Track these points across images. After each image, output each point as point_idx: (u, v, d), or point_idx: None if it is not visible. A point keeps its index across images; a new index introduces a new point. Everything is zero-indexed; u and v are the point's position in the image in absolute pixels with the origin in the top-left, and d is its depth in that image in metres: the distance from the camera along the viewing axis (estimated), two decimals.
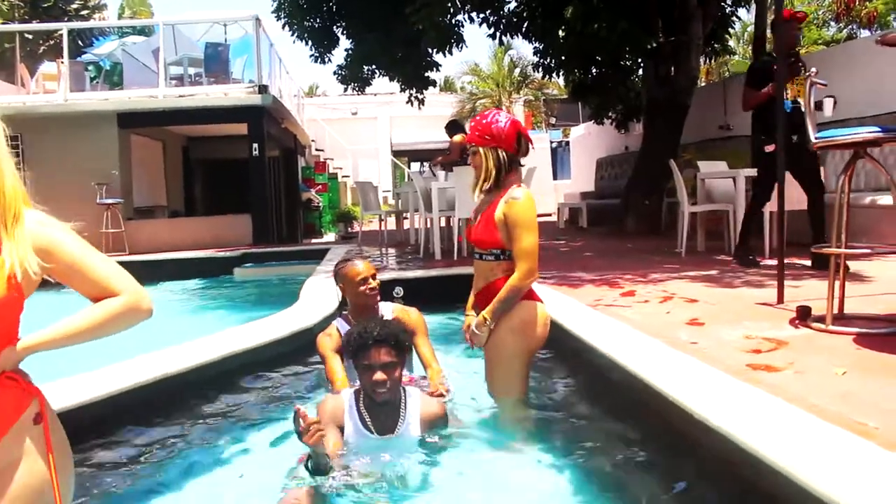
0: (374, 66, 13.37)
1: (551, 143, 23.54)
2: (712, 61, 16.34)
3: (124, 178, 13.51)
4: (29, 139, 13.42)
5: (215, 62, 14.12)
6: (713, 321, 4.15)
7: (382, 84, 17.06)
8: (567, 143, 22.69)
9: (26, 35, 20.29)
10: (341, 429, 2.90)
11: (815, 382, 2.81)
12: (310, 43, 12.88)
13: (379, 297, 3.87)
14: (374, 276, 3.80)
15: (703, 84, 17.44)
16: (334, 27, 13.09)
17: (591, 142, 18.73)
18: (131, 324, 1.81)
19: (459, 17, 11.17)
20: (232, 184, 15.79)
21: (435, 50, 11.67)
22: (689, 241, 8.10)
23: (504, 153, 3.27)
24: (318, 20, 12.89)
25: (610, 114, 14.59)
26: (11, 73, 17.81)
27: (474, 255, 3.45)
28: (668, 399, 2.61)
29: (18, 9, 22.25)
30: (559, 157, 23.84)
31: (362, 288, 3.77)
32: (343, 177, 22.42)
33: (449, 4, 9.85)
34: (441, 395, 3.51)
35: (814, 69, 4.46)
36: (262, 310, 6.51)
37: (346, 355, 3.17)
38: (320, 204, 18.78)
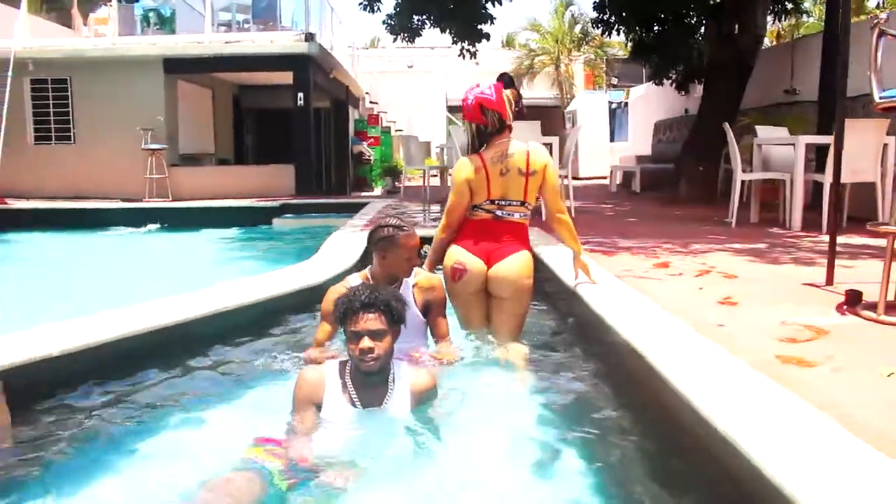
0: (424, 17, 12.88)
1: (610, 103, 22.71)
2: (782, 20, 15.35)
3: (170, 124, 13.45)
4: (77, 82, 13.46)
5: (263, 8, 13.85)
6: (749, 301, 3.72)
7: (441, 37, 16.60)
8: (626, 105, 21.89)
9: None
10: (318, 406, 2.64)
11: (855, 384, 2.40)
12: None
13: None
14: (416, 255, 3.55)
15: (771, 45, 16.51)
16: None
17: (650, 103, 18.02)
18: None
19: None
20: (281, 134, 15.61)
21: (486, 0, 11.15)
22: (741, 212, 7.59)
23: (475, 126, 3.75)
24: None
25: (671, 74, 13.92)
26: (68, 16, 17.91)
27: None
28: (672, 388, 2.24)
29: None
30: (618, 119, 23.06)
31: (407, 262, 3.50)
32: (396, 130, 22.10)
33: None
34: (438, 363, 3.29)
35: (884, 15, 3.91)
36: (294, 261, 6.31)
37: (336, 321, 2.88)
38: (371, 157, 18.55)
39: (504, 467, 2.45)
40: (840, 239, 5.75)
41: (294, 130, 13.37)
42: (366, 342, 2.56)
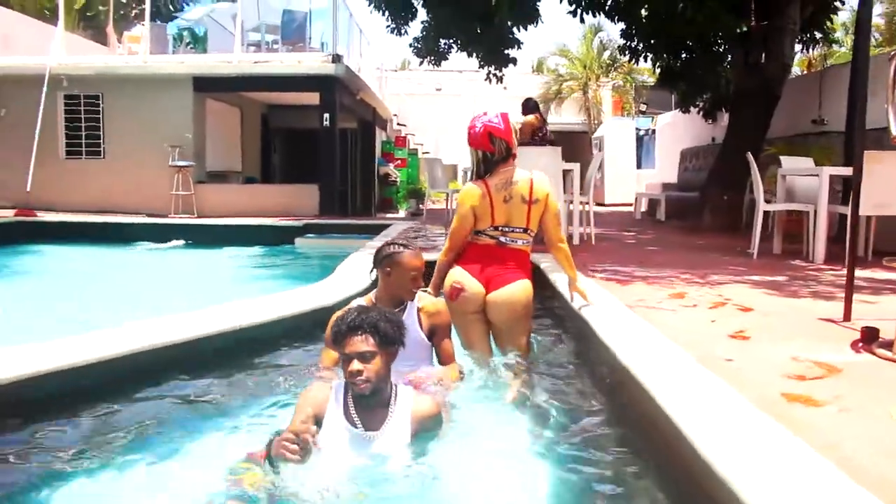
0: (451, 40, 12.95)
1: (637, 130, 22.64)
2: (812, 51, 15.23)
3: (197, 141, 13.61)
4: (109, 98, 13.68)
5: (292, 30, 14.01)
6: (761, 335, 3.64)
7: (470, 61, 16.70)
8: (654, 132, 21.79)
9: None
10: (319, 422, 2.61)
11: (861, 426, 2.32)
12: (386, 13, 12.53)
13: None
14: (422, 275, 3.53)
15: (800, 74, 16.38)
16: None
17: (677, 131, 17.93)
18: None
19: None
20: (308, 153, 15.72)
21: (511, 25, 11.18)
22: (764, 243, 7.48)
23: (481, 153, 3.86)
24: None
25: (698, 102, 13.84)
26: (104, 35, 18.25)
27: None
28: (670, 420, 2.19)
29: None
30: (645, 146, 22.96)
31: (411, 282, 3.49)
32: (423, 153, 22.18)
33: None
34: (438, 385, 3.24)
35: None
36: (314, 280, 6.33)
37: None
38: (398, 179, 18.63)
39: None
40: (864, 273, 5.67)
41: (321, 150, 13.46)
42: (354, 364, 2.54)
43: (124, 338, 3.42)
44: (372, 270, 3.62)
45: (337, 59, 12.98)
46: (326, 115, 13.01)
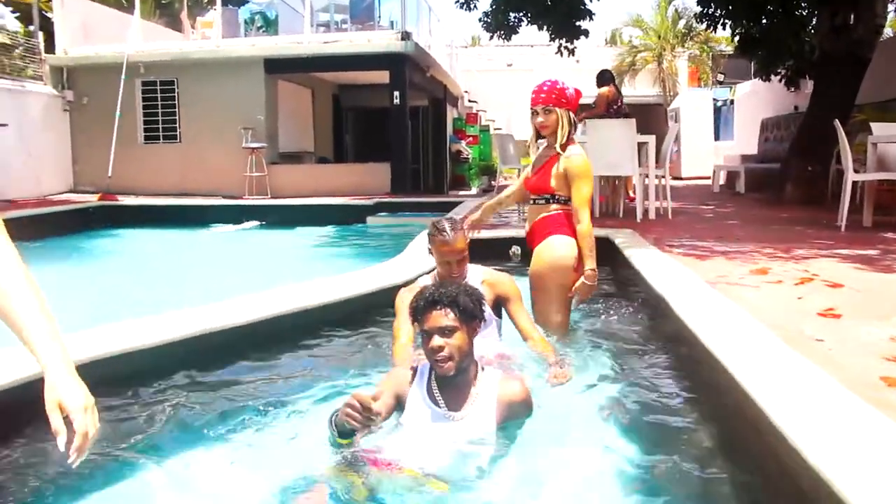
0: (521, 14, 12.70)
1: (715, 101, 21.89)
2: None
3: (270, 123, 13.76)
4: (183, 83, 13.95)
5: (361, 9, 14.00)
6: (854, 313, 3.42)
7: (540, 34, 16.40)
8: (732, 102, 21.04)
9: None
10: (401, 404, 2.56)
11: None
12: None
13: (464, 273, 3.44)
14: (460, 261, 3.40)
15: (892, 35, 15.50)
16: None
17: (757, 100, 17.25)
18: None
19: None
20: (380, 132, 15.76)
21: None
22: (853, 215, 7.08)
23: (572, 115, 3.81)
24: None
25: (779, 69, 13.25)
26: (178, 21, 18.63)
27: (529, 202, 4.00)
28: (756, 405, 2.05)
29: None
30: (723, 117, 22.22)
31: (445, 267, 3.41)
32: (496, 129, 21.97)
33: None
34: (558, 376, 3.12)
35: None
36: (385, 258, 6.33)
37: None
38: (470, 156, 18.52)
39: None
40: None
41: (391, 129, 13.45)
42: (435, 340, 2.45)
43: (225, 311, 3.63)
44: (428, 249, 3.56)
45: (406, 36, 12.91)
46: (397, 93, 12.98)
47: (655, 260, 4.91)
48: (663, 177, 8.61)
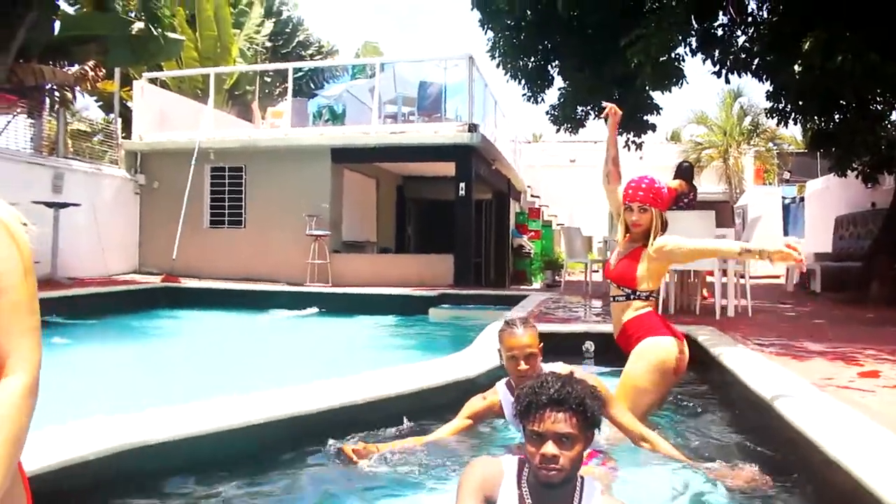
0: (588, 107, 12.67)
1: (783, 198, 21.51)
2: None
3: (334, 211, 13.84)
4: (251, 170, 14.21)
5: (429, 101, 14.17)
6: None
7: (605, 132, 16.43)
8: (801, 199, 20.59)
9: (265, 78, 21.85)
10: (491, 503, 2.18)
11: None
12: (522, 82, 12.43)
13: (537, 371, 3.13)
14: (528, 357, 3.12)
15: None
16: (549, 66, 12.56)
17: (830, 197, 16.79)
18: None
19: (679, 51, 10.19)
20: (442, 224, 15.73)
21: (652, 89, 10.77)
22: None
23: (665, 216, 3.79)
24: (532, 59, 12.44)
25: (854, 165, 12.87)
26: (249, 111, 19.24)
27: (611, 300, 3.88)
28: None
29: (261, 55, 24.09)
30: (792, 214, 21.72)
31: (511, 362, 3.17)
32: (557, 224, 21.87)
33: (669, 37, 8.92)
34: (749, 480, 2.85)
35: None
36: (449, 352, 6.10)
37: (516, 417, 2.46)
38: (532, 250, 18.38)
39: None
40: None
41: (456, 220, 13.37)
42: (549, 447, 2.05)
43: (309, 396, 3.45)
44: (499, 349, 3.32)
45: (473, 128, 12.96)
46: (462, 185, 12.94)
47: (749, 360, 4.54)
48: (743, 276, 8.25)
